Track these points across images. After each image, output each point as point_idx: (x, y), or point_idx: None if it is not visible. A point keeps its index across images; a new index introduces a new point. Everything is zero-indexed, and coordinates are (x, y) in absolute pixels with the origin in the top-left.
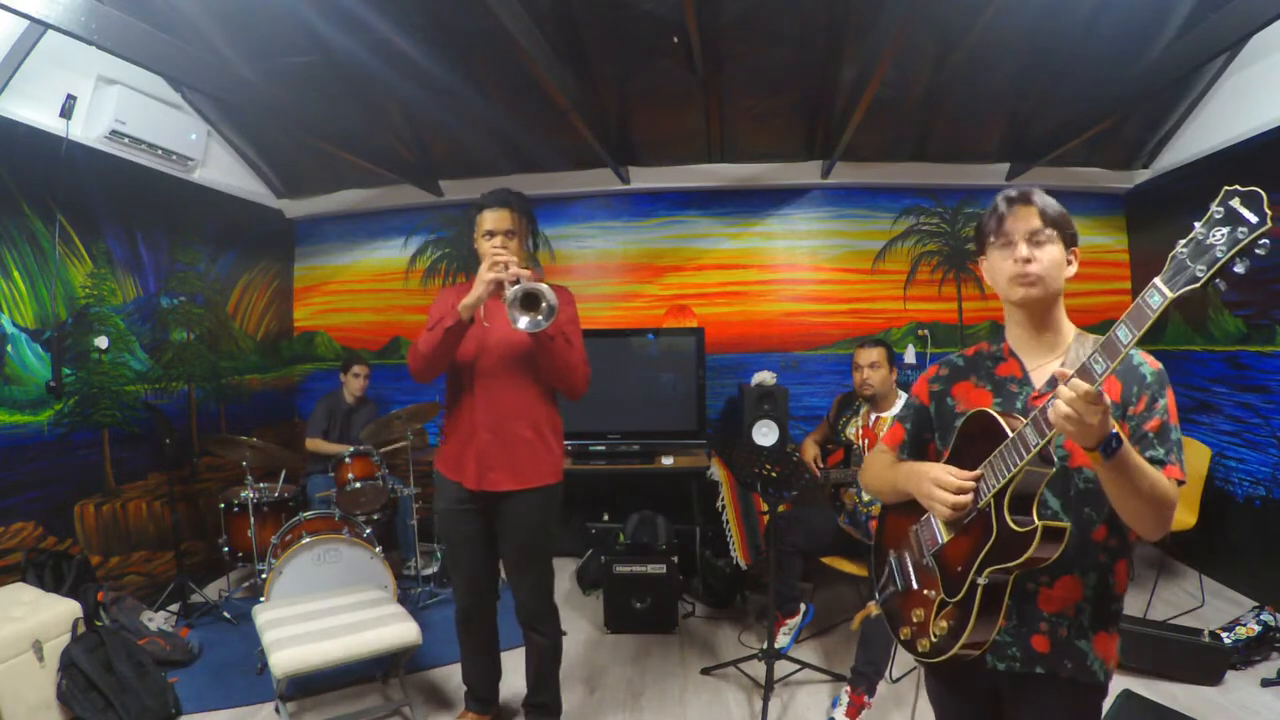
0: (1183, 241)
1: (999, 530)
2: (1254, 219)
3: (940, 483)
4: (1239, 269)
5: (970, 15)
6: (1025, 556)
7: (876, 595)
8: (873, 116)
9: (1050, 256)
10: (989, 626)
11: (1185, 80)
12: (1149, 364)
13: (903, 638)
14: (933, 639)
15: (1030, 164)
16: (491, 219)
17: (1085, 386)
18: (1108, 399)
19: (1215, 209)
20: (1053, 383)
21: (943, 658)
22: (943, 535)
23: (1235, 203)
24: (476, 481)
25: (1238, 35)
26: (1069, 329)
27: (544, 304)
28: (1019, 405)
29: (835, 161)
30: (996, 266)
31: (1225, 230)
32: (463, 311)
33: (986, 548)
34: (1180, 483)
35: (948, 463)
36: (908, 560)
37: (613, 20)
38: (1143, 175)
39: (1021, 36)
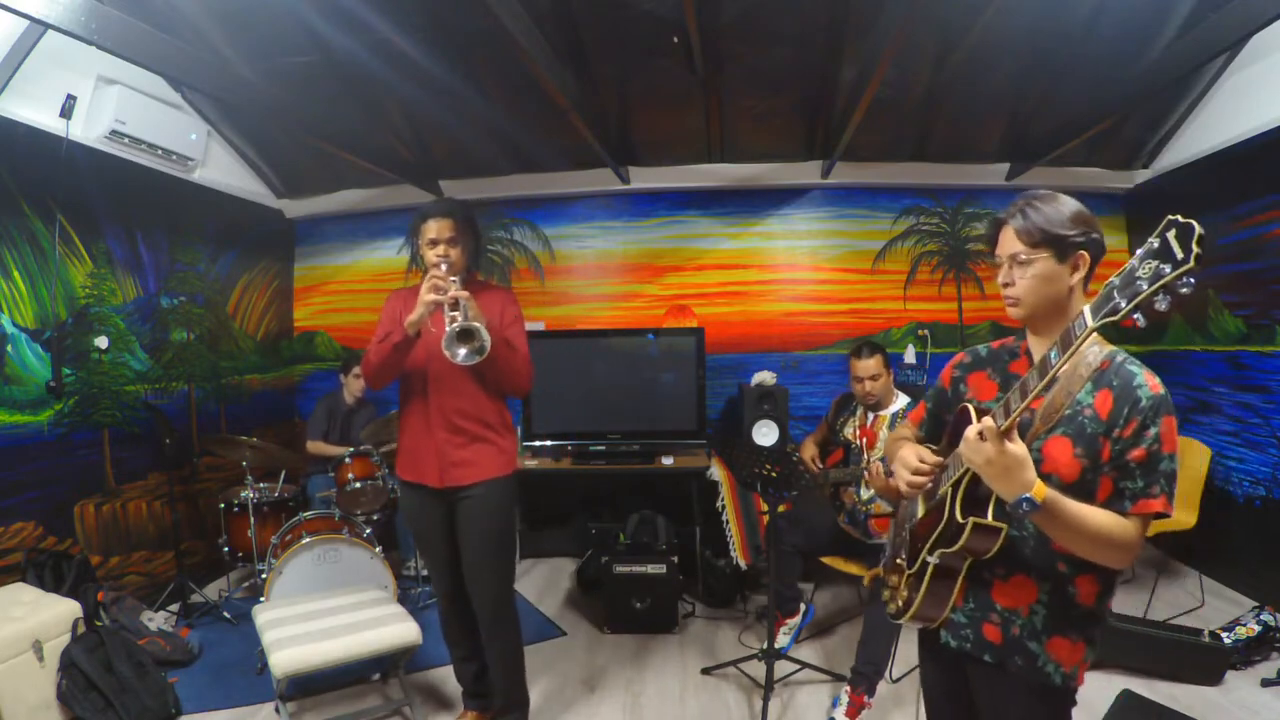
0: (1121, 270)
1: (948, 517)
2: (1179, 256)
3: (905, 462)
4: (1161, 306)
5: (970, 15)
6: (958, 545)
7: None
8: (873, 116)
9: (1033, 275)
10: (938, 603)
11: (1185, 80)
12: (1149, 386)
13: (885, 598)
14: (898, 604)
15: (1030, 164)
16: (435, 227)
17: (989, 424)
18: (1017, 452)
19: (1153, 239)
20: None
21: (903, 620)
22: (919, 511)
23: (1171, 235)
24: (440, 479)
25: (1238, 35)
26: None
27: (476, 342)
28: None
29: (835, 161)
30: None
31: (1154, 264)
32: (408, 328)
33: (937, 531)
34: (1160, 514)
35: (943, 447)
36: (899, 530)
37: (613, 20)
38: (1143, 175)
39: (1021, 36)
